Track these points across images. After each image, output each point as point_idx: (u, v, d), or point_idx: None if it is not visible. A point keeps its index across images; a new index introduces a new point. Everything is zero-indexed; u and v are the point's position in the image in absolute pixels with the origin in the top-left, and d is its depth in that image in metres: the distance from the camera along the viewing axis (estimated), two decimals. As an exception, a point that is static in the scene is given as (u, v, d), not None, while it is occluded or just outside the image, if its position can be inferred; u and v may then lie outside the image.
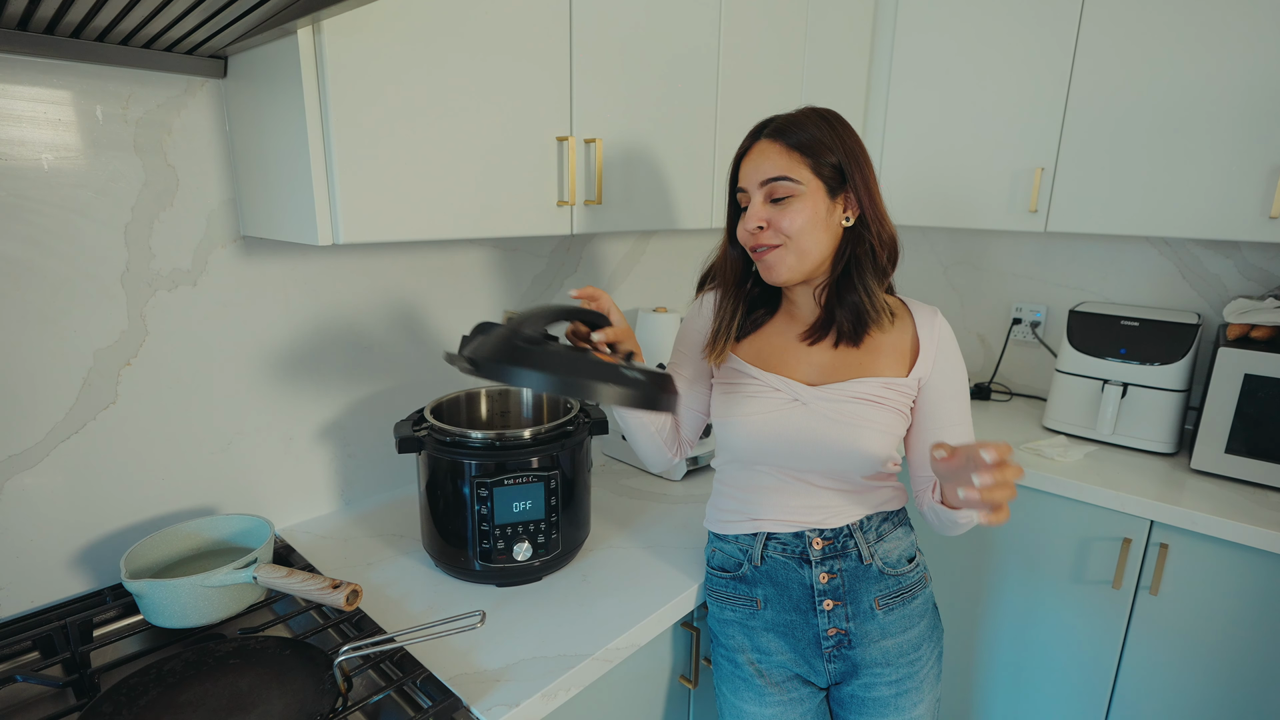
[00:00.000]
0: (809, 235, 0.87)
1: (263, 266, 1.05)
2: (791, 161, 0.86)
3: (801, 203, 0.86)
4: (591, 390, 0.73)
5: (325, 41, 0.78)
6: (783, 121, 0.88)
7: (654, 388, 0.76)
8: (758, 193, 0.88)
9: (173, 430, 1.00)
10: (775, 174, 0.86)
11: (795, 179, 0.86)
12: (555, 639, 0.88)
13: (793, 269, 0.89)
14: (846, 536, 0.93)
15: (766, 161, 0.87)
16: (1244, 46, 1.33)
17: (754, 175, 0.88)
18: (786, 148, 0.86)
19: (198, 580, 0.81)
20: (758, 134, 0.90)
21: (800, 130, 0.87)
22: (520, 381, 0.72)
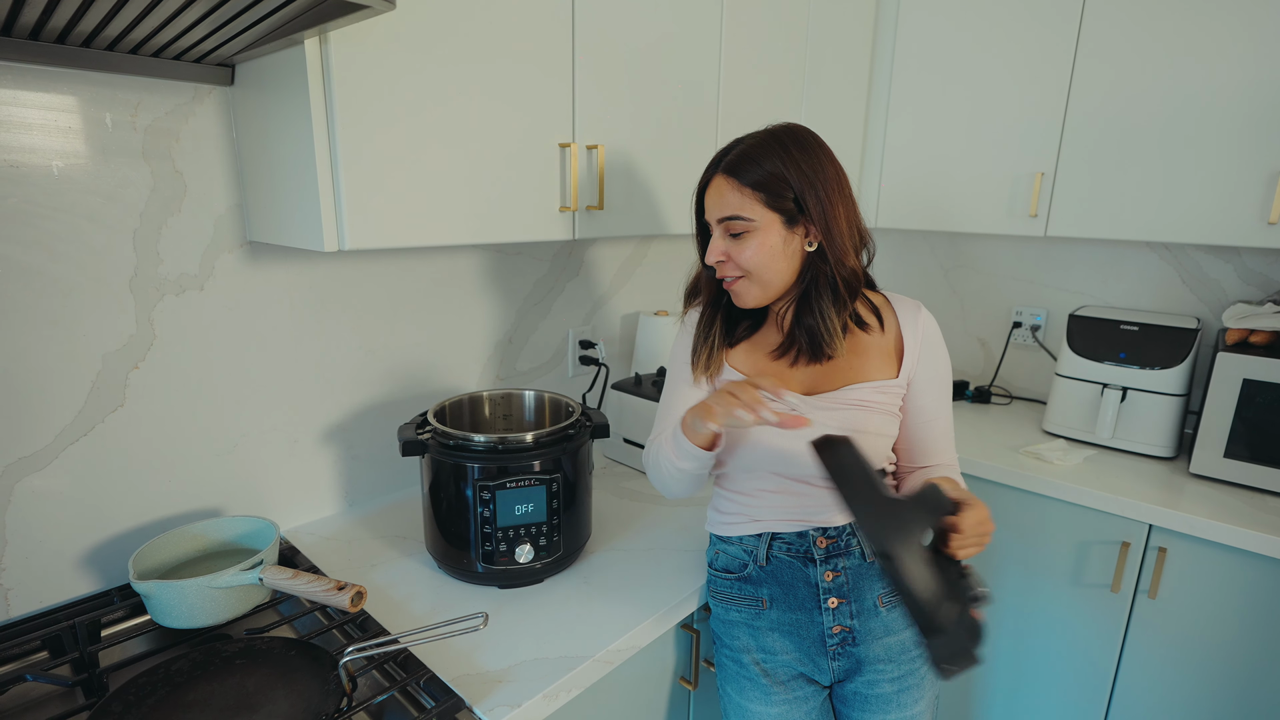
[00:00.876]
0: (768, 268, 0.88)
1: (268, 271, 1.06)
2: (744, 199, 0.87)
3: (756, 238, 0.87)
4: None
5: (332, 51, 0.79)
6: (736, 155, 0.88)
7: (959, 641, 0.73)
8: (716, 227, 0.90)
9: (180, 433, 1.01)
10: (728, 213, 0.87)
11: (747, 216, 0.87)
12: (557, 640, 0.89)
13: (759, 297, 0.91)
14: (849, 535, 0.94)
15: (720, 199, 0.88)
16: (1243, 53, 1.34)
17: (712, 211, 0.90)
18: (739, 185, 0.87)
19: (205, 581, 0.83)
20: (714, 167, 0.91)
21: (754, 165, 0.86)
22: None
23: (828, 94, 1.65)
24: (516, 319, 1.43)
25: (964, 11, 1.68)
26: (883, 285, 0.99)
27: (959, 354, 2.11)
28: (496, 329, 1.41)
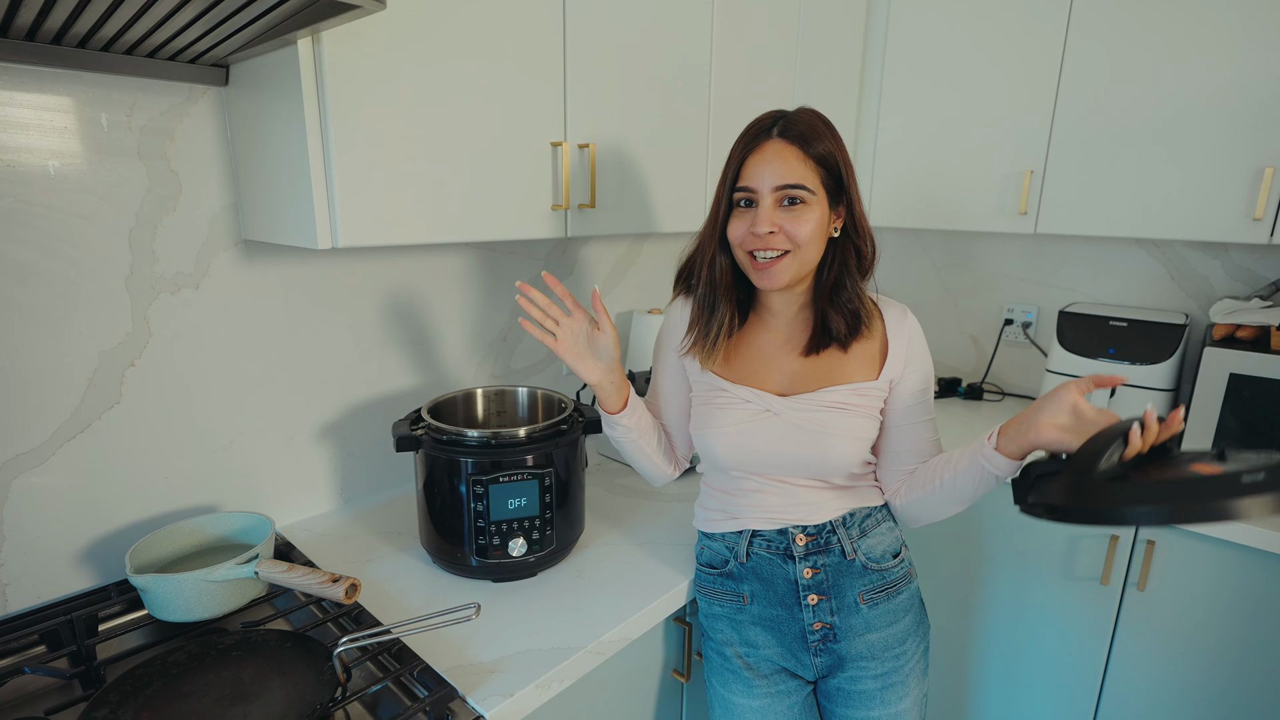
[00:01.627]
0: (814, 244, 0.88)
1: (263, 270, 1.07)
2: (808, 170, 0.86)
3: (812, 211, 0.87)
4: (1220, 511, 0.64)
5: (324, 51, 0.80)
6: (799, 125, 0.86)
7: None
8: (770, 196, 0.86)
9: (176, 430, 1.02)
10: (794, 181, 0.85)
11: (811, 188, 0.86)
12: (549, 632, 0.90)
13: (794, 276, 0.89)
14: (829, 533, 0.95)
15: (784, 166, 0.85)
16: (1229, 50, 1.36)
17: (769, 178, 0.86)
18: (804, 154, 0.86)
19: (201, 575, 0.84)
20: (769, 131, 0.87)
21: (816, 138, 0.86)
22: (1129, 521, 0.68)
23: (819, 91, 1.67)
24: (510, 317, 1.44)
25: (954, 9, 1.70)
26: (876, 282, 1.00)
27: (951, 351, 2.13)
28: (490, 327, 1.42)
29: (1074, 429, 0.78)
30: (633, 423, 0.99)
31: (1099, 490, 0.70)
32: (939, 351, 2.14)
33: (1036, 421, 0.80)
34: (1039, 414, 0.81)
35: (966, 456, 0.89)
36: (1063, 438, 0.78)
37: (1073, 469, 0.73)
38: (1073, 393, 0.79)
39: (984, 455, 0.86)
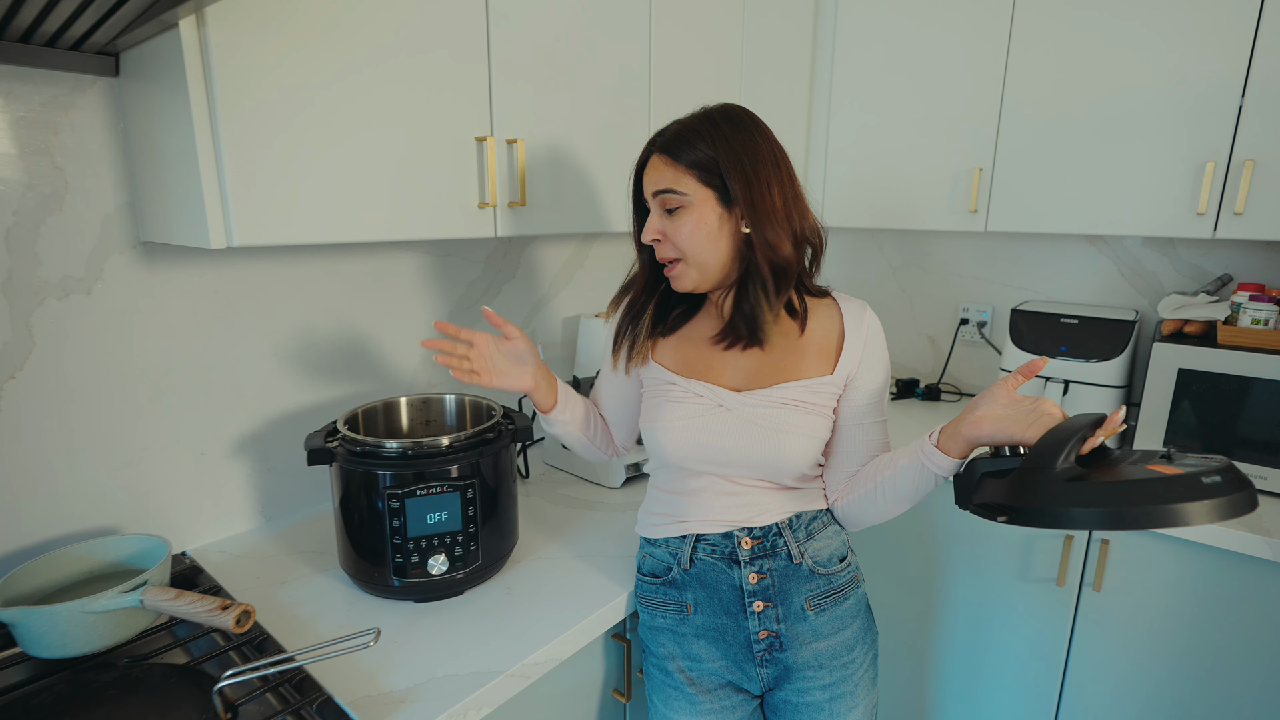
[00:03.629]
0: (704, 248, 0.86)
1: (167, 274, 1.00)
2: (678, 174, 0.85)
3: (692, 215, 0.85)
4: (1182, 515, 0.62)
5: (211, 34, 0.74)
6: (671, 134, 0.87)
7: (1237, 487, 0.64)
8: (653, 204, 0.88)
9: (66, 447, 0.94)
10: (662, 186, 0.86)
11: (681, 191, 0.85)
12: (471, 656, 0.84)
13: (696, 281, 0.89)
14: (775, 535, 0.90)
15: (656, 174, 0.87)
16: (1169, 47, 1.36)
17: (648, 187, 0.89)
18: (672, 162, 0.86)
19: (78, 606, 0.76)
20: (649, 148, 0.90)
21: (686, 145, 0.85)
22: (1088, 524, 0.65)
23: (766, 93, 1.64)
24: (450, 320, 1.38)
25: (902, 9, 1.68)
26: (833, 284, 0.98)
27: (909, 352, 2.11)
28: (427, 333, 1.36)
29: (1012, 418, 0.76)
30: (568, 416, 1.00)
31: (1057, 491, 0.67)
32: (897, 353, 2.13)
33: (975, 416, 0.79)
34: (976, 409, 0.80)
35: (907, 454, 0.87)
36: (1002, 428, 0.77)
37: (1029, 467, 0.70)
38: (1007, 385, 0.79)
39: (925, 453, 0.84)
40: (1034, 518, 0.69)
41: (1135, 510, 0.63)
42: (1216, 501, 0.62)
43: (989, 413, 0.78)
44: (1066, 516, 0.66)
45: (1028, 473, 0.70)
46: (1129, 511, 0.64)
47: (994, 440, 0.78)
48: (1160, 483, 0.64)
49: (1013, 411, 0.77)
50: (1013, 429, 0.76)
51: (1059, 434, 0.71)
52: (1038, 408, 0.76)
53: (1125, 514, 0.64)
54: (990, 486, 0.74)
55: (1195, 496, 0.62)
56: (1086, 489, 0.66)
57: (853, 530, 0.97)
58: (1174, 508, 0.62)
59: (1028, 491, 0.69)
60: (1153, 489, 0.64)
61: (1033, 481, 0.69)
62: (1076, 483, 0.67)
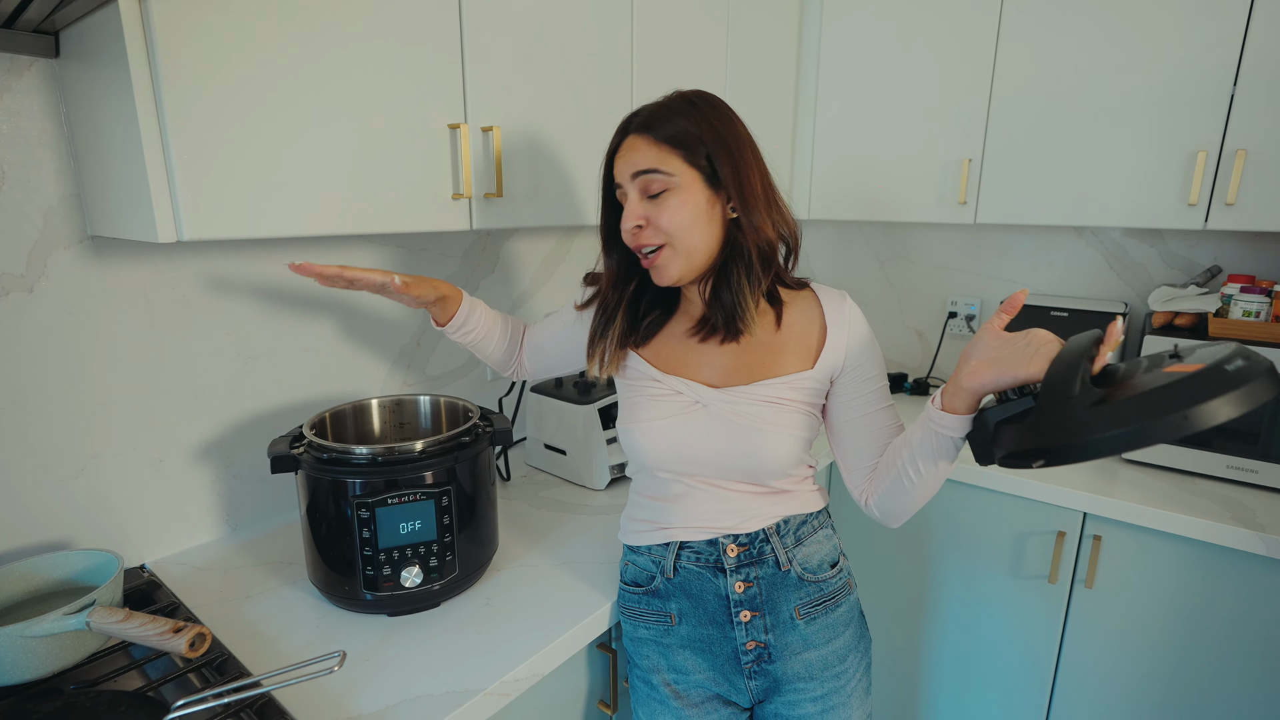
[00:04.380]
0: (691, 232, 0.81)
1: (118, 271, 0.94)
2: (661, 154, 0.80)
3: (678, 197, 0.80)
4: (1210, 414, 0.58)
5: (154, 10, 0.68)
6: (649, 113, 0.82)
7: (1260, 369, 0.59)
8: (632, 187, 0.82)
9: (9, 456, 0.88)
10: (646, 166, 0.80)
11: (666, 171, 0.80)
12: (447, 673, 0.80)
13: (683, 269, 0.83)
14: (762, 542, 0.87)
15: (636, 155, 0.81)
16: (1160, 37, 1.33)
17: (626, 169, 0.82)
18: (655, 141, 0.80)
19: (18, 630, 0.70)
20: (625, 129, 0.84)
21: (667, 121, 0.80)
22: (1131, 443, 0.59)
23: (753, 83, 1.60)
24: (424, 320, 1.33)
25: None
26: (820, 277, 0.93)
27: (897, 346, 2.09)
28: (402, 331, 1.30)
29: (1010, 358, 0.70)
30: (461, 335, 0.99)
31: (1085, 419, 0.61)
32: (885, 347, 2.10)
33: (971, 366, 0.72)
34: (969, 359, 0.73)
35: (918, 429, 0.81)
36: (1003, 370, 0.70)
37: (1046, 402, 0.64)
38: (993, 326, 0.72)
39: (932, 419, 0.77)
40: (1069, 453, 0.63)
41: (1172, 418, 0.58)
42: (1248, 388, 0.57)
43: (985, 356, 0.71)
44: (1102, 443, 0.61)
45: (1047, 408, 0.64)
46: (1165, 421, 0.58)
47: (998, 385, 0.71)
48: (1189, 382, 0.59)
49: (1008, 351, 0.70)
50: (1014, 368, 0.69)
51: (1065, 360, 0.65)
52: (1032, 340, 0.69)
53: (1162, 424, 0.58)
54: (1010, 434, 0.68)
55: (1227, 387, 0.57)
56: (1115, 409, 0.60)
57: (895, 525, 0.91)
58: (1210, 405, 0.57)
59: (1053, 428, 0.63)
60: (1184, 390, 0.58)
61: (1056, 416, 0.63)
62: (1101, 405, 0.61)
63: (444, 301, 0.95)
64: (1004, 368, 0.69)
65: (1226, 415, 0.57)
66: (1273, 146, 1.25)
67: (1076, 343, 0.67)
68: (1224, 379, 0.58)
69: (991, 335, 0.72)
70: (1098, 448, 0.61)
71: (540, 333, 1.06)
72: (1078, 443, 0.62)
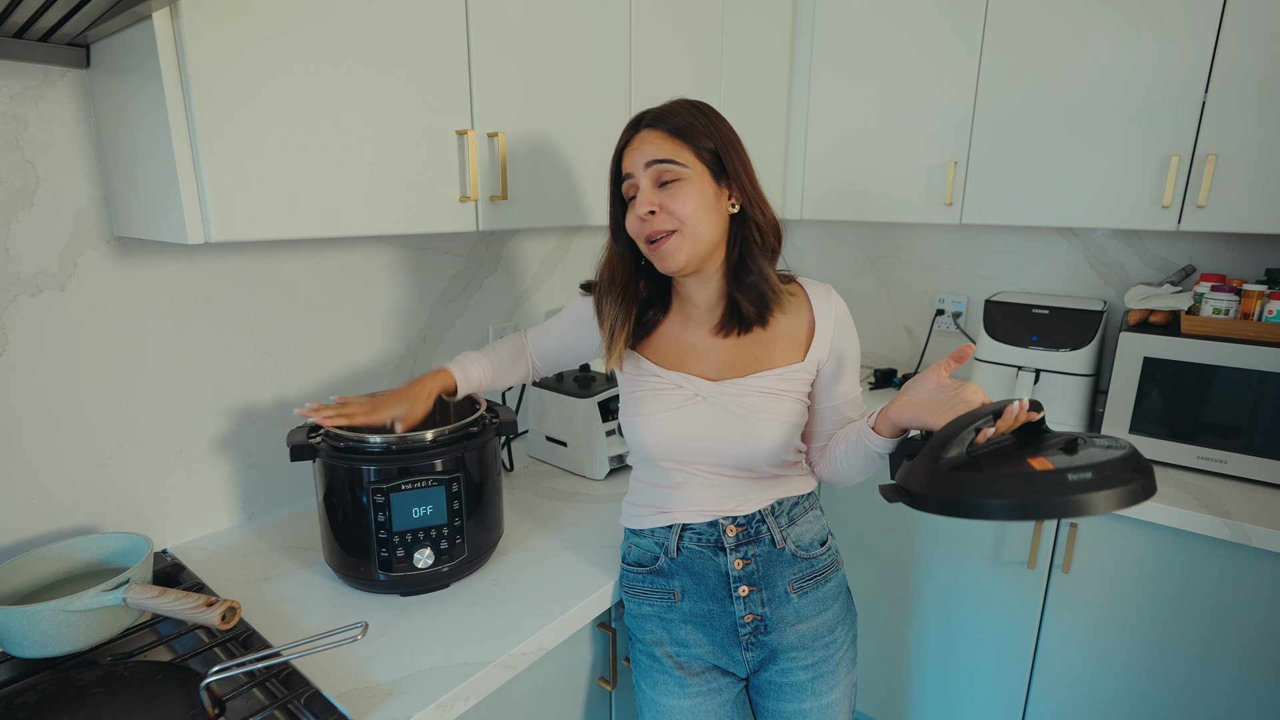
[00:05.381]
0: (701, 219, 0.87)
1: (143, 269, 0.99)
2: (676, 146, 0.86)
3: (690, 186, 0.86)
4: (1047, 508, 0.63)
5: (185, 26, 0.73)
6: (658, 111, 0.89)
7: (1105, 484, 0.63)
8: (645, 177, 0.87)
9: (42, 446, 0.93)
10: (661, 156, 0.86)
11: (680, 162, 0.86)
12: (457, 647, 0.85)
13: (690, 255, 0.88)
14: (759, 522, 0.93)
15: (651, 146, 0.87)
16: (1137, 44, 1.39)
17: (639, 159, 0.87)
18: (667, 134, 0.87)
19: (60, 605, 0.76)
20: (636, 126, 0.90)
21: (676, 118, 0.87)
22: (971, 513, 0.66)
23: (747, 83, 1.65)
24: (430, 317, 1.38)
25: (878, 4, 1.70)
26: (812, 275, 0.99)
27: (886, 342, 2.15)
28: (408, 327, 1.35)
29: (933, 405, 0.79)
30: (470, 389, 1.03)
31: (936, 479, 0.69)
32: (875, 343, 2.16)
33: (900, 401, 0.83)
34: (904, 394, 0.83)
35: (854, 431, 0.92)
36: (919, 413, 0.80)
37: (922, 454, 0.72)
38: (937, 371, 0.81)
39: (863, 433, 0.89)
40: (918, 502, 0.70)
41: (996, 504, 0.65)
42: (1076, 500, 0.63)
43: (913, 398, 0.81)
44: (940, 504, 0.68)
45: (920, 459, 0.72)
46: (989, 504, 0.65)
47: (912, 425, 0.81)
48: (1025, 480, 0.65)
49: (934, 398, 0.79)
50: (928, 415, 0.78)
51: (956, 424, 0.72)
52: (959, 394, 0.77)
53: (987, 506, 0.65)
54: (896, 468, 0.76)
55: (1055, 493, 0.63)
56: (961, 480, 0.67)
57: (837, 488, 1.00)
58: (1033, 504, 0.64)
59: (915, 477, 0.71)
60: (1017, 485, 0.65)
61: (920, 467, 0.71)
62: (955, 472, 0.68)
63: (446, 390, 1.00)
64: (922, 413, 0.79)
65: (1045, 518, 0.64)
66: (1242, 152, 1.31)
67: (976, 411, 0.73)
68: (1057, 486, 0.64)
69: (932, 379, 0.81)
70: (937, 507, 0.69)
71: (546, 336, 1.10)
72: (924, 495, 0.70)
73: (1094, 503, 0.62)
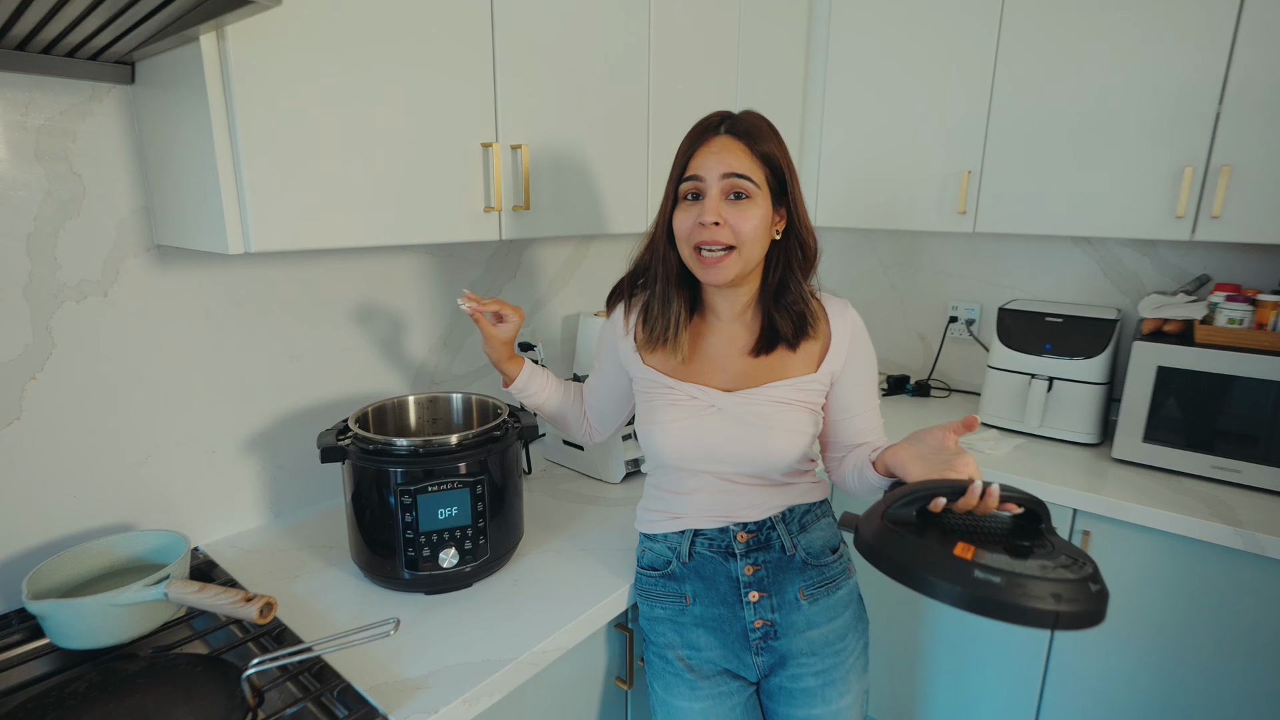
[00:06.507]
0: (756, 241, 0.89)
1: (181, 276, 1.03)
2: (754, 164, 0.87)
3: (756, 206, 0.88)
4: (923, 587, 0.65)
5: (230, 48, 0.77)
6: (745, 123, 0.89)
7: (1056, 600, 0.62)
8: (716, 186, 0.87)
9: (84, 446, 0.97)
10: (741, 170, 0.86)
11: (754, 180, 0.87)
12: (481, 645, 0.88)
13: (738, 274, 0.90)
14: (769, 529, 0.95)
15: (731, 156, 0.86)
16: (1151, 54, 1.41)
17: (716, 166, 0.86)
18: (749, 150, 0.87)
19: (105, 599, 0.80)
20: (716, 128, 0.89)
21: (760, 136, 0.88)
22: (891, 573, 0.68)
23: (763, 93, 1.68)
24: (450, 322, 1.42)
25: (893, 15, 1.73)
26: (826, 282, 1.02)
27: (900, 348, 2.16)
28: (430, 332, 1.39)
29: (922, 460, 0.81)
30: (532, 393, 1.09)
31: (876, 531, 0.71)
32: (889, 349, 2.18)
33: (898, 449, 0.85)
34: (905, 443, 0.85)
35: (863, 459, 0.94)
36: (908, 468, 0.82)
37: (880, 504, 0.75)
38: (943, 432, 0.81)
39: (866, 465, 0.92)
40: (858, 542, 0.74)
41: (894, 563, 0.68)
42: (966, 593, 0.62)
43: (909, 448, 0.83)
44: (870, 554, 0.71)
45: (876, 507, 0.75)
46: (892, 561, 0.68)
47: (899, 475, 0.83)
48: (931, 553, 0.67)
49: (928, 454, 0.81)
50: (911, 468, 0.81)
51: (922, 485, 0.74)
52: (951, 461, 0.77)
53: (896, 571, 0.68)
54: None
55: (953, 580, 0.64)
56: (886, 533, 0.70)
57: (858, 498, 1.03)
58: (923, 577, 0.65)
59: (865, 523, 0.74)
60: (920, 555, 0.67)
61: (872, 516, 0.74)
62: (891, 526, 0.71)
63: (516, 362, 1.08)
64: (909, 464, 0.82)
65: (937, 597, 0.65)
66: (1256, 162, 1.33)
67: (940, 482, 0.75)
68: (956, 575, 0.64)
69: (935, 437, 0.82)
70: (863, 550, 0.72)
71: (589, 391, 1.12)
72: (862, 542, 0.73)
73: (984, 606, 0.62)
